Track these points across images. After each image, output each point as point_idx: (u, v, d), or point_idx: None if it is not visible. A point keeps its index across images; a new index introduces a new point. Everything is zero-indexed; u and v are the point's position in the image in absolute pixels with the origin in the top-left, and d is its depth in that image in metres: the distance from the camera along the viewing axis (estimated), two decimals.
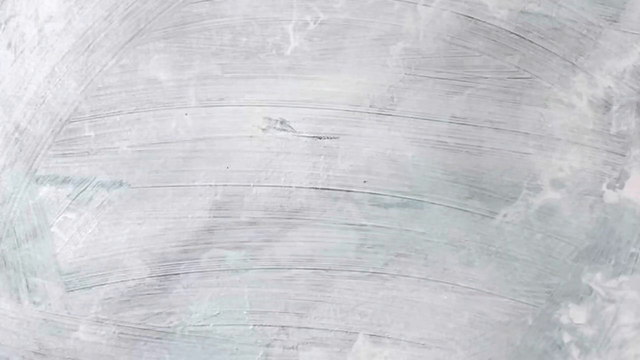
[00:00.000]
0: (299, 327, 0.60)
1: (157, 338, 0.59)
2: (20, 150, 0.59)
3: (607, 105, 0.60)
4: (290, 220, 0.59)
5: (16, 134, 0.59)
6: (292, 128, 0.59)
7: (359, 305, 0.60)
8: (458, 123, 0.60)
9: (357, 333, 0.60)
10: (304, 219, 0.59)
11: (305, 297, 0.59)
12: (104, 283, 0.59)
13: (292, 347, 0.60)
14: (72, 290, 0.59)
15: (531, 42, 0.60)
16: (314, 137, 0.60)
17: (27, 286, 0.59)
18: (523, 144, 0.60)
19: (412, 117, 0.60)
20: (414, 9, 0.59)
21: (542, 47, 0.60)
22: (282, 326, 0.59)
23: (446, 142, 0.60)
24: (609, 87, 0.60)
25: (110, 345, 0.59)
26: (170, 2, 0.59)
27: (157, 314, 0.59)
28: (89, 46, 0.59)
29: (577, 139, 0.61)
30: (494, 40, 0.60)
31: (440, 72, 0.60)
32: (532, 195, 0.60)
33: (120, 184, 0.59)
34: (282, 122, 0.59)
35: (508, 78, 0.60)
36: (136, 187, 0.59)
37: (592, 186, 0.60)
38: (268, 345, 0.59)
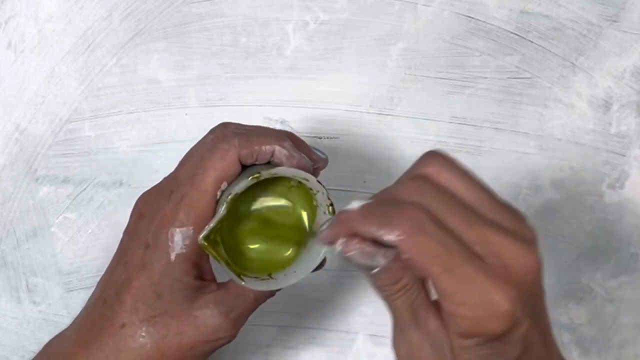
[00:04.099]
0: (299, 327, 0.60)
1: None
2: (20, 150, 0.59)
3: (607, 105, 0.60)
4: None
5: (16, 134, 0.59)
6: (292, 128, 0.59)
7: (359, 305, 0.60)
8: (458, 123, 0.60)
9: (357, 333, 0.60)
10: None
11: (305, 297, 0.59)
12: None
13: (292, 347, 0.60)
14: (72, 290, 0.59)
15: (531, 42, 0.60)
16: (314, 137, 0.60)
17: (27, 286, 0.59)
18: (523, 144, 0.60)
19: (412, 117, 0.60)
20: (414, 9, 0.59)
21: (542, 47, 0.60)
22: (282, 326, 0.59)
23: (446, 142, 0.60)
24: (609, 87, 0.60)
25: None
26: (170, 2, 0.59)
27: None
28: (89, 46, 0.59)
29: (577, 139, 0.61)
30: (494, 40, 0.60)
31: (440, 72, 0.60)
32: (532, 195, 0.60)
33: (120, 184, 0.59)
34: (282, 122, 0.59)
35: (508, 78, 0.60)
36: (136, 187, 0.59)
37: (592, 186, 0.60)
38: (268, 345, 0.59)
